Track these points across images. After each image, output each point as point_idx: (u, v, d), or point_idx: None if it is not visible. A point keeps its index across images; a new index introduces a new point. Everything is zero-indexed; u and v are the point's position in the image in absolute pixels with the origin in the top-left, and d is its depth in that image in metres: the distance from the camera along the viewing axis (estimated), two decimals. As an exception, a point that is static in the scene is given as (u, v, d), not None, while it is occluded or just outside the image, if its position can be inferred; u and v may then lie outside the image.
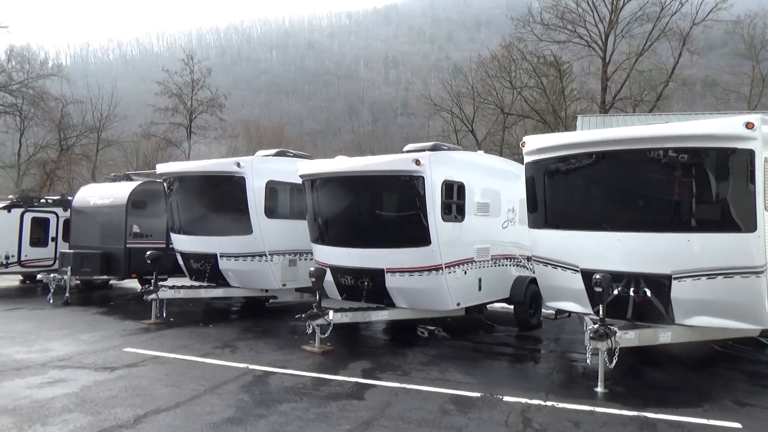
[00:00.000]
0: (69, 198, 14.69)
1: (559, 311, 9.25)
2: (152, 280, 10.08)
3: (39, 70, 44.58)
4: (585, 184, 7.90)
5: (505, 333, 10.34)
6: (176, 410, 5.49)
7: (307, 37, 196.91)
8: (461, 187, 9.05)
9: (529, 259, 11.30)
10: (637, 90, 39.03)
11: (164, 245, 12.90)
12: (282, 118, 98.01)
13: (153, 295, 9.92)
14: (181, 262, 11.28)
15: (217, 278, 10.83)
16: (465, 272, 9.14)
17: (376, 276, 8.83)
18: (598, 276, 6.64)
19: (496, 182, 10.34)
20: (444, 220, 8.60)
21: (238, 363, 7.36)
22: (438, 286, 8.68)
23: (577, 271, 7.67)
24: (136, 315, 10.81)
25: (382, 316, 8.96)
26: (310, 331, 8.34)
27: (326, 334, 8.25)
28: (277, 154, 11.40)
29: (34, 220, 13.66)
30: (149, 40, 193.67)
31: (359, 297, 9.29)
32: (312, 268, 8.40)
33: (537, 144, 8.12)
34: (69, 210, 14.26)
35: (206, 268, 10.86)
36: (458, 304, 9.09)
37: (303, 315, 8.22)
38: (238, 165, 10.09)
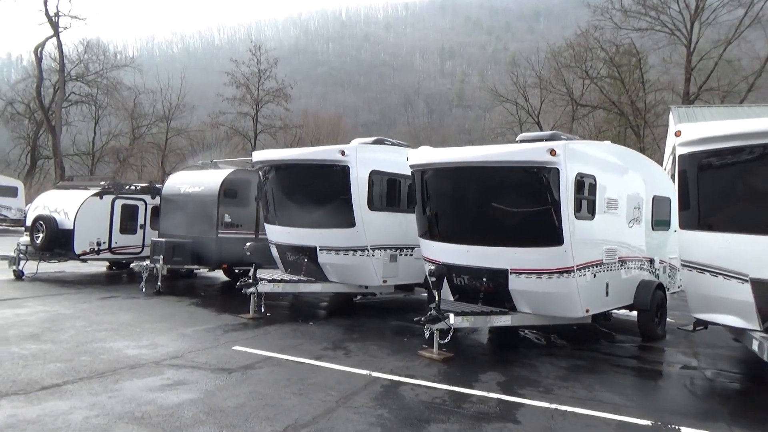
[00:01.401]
0: (157, 185, 14.57)
1: (699, 323, 8.16)
2: (251, 273, 9.60)
3: (114, 61, 45.88)
4: (760, 180, 6.79)
5: (631, 343, 9.33)
6: (315, 426, 4.87)
7: (364, 28, 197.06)
8: (593, 181, 8.11)
9: (651, 261, 10.25)
10: (726, 80, 36.33)
11: (254, 236, 12.51)
12: (338, 109, 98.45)
13: (252, 289, 9.45)
14: (275, 254, 10.79)
15: (315, 272, 10.28)
16: (594, 275, 8.19)
17: (498, 277, 8.00)
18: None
19: (623, 176, 9.31)
20: (577, 217, 7.70)
21: (358, 369, 6.72)
22: (568, 291, 7.79)
23: (746, 280, 6.61)
24: (231, 308, 10.43)
25: (504, 321, 8.13)
26: (427, 335, 7.62)
27: (446, 340, 7.51)
28: (375, 143, 10.75)
29: (124, 207, 13.55)
30: (210, 33, 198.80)
31: (475, 299, 8.49)
32: (432, 267, 7.67)
33: (697, 134, 7.05)
34: (156, 197, 14.12)
35: (303, 262, 10.34)
36: (587, 311, 8.17)
37: (422, 318, 7.51)
38: (343, 153, 9.46)
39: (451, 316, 7.54)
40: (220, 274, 14.91)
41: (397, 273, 10.39)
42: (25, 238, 13.09)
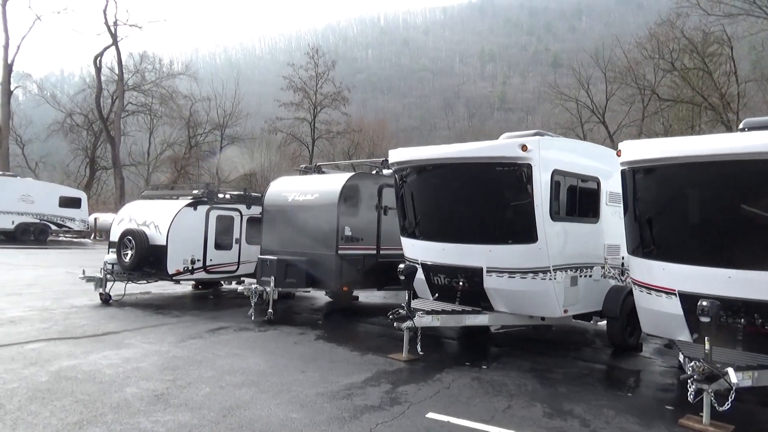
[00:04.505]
0: (252, 194, 12.79)
1: None
2: (406, 303, 7.56)
3: (169, 70, 45.33)
4: None
5: None
6: None
7: (402, 34, 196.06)
8: None
9: None
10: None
11: (375, 251, 10.52)
12: (377, 115, 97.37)
13: (408, 323, 7.41)
14: (421, 276, 8.73)
15: (476, 299, 8.18)
16: None
17: (785, 314, 5.74)
18: None
19: None
20: None
21: (633, 457, 4.57)
22: None
23: None
24: (368, 343, 8.47)
25: (794, 376, 5.84)
26: (691, 397, 5.41)
27: (725, 406, 5.27)
28: (535, 135, 8.58)
29: (219, 218, 11.78)
30: (252, 44, 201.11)
31: (731, 342, 6.24)
32: (706, 303, 5.42)
33: None
34: (252, 207, 12.34)
35: (459, 286, 8.26)
36: None
37: (692, 374, 5.30)
38: (524, 149, 7.35)
39: (731, 372, 5.32)
40: (318, 294, 13.00)
41: (578, 300, 8.20)
42: (111, 256, 11.43)
